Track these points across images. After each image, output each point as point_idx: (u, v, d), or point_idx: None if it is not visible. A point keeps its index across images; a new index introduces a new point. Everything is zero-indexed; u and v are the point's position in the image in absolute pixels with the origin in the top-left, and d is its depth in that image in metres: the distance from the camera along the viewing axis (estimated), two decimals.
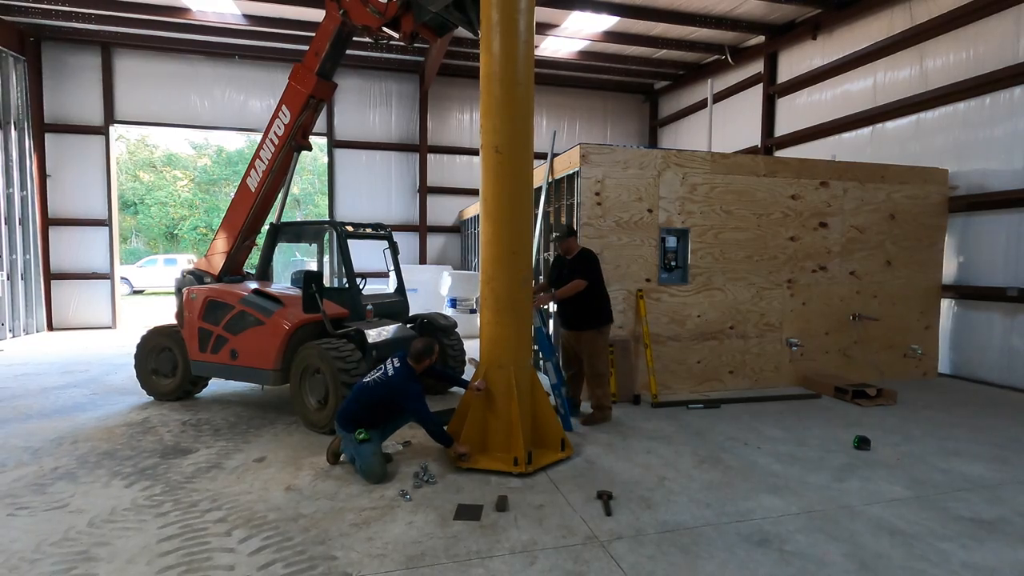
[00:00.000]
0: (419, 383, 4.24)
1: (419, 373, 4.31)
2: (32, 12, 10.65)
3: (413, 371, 4.25)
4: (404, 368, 4.22)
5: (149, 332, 6.33)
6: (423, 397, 4.21)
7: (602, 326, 5.49)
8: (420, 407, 4.15)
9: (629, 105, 15.47)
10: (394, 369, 4.23)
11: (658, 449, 4.78)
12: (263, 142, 6.31)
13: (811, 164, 7.10)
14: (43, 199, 11.97)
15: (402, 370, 4.21)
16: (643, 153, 6.40)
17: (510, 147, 4.35)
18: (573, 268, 5.38)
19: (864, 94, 9.04)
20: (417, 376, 4.27)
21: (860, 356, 7.31)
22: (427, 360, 4.32)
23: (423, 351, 4.30)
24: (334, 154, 13.67)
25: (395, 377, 4.17)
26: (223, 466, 4.35)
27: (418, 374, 4.28)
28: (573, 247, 5.50)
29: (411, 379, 4.19)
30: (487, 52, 4.38)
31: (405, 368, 4.22)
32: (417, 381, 4.24)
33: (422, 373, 4.37)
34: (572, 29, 11.06)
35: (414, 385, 4.17)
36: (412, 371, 4.24)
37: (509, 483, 4.05)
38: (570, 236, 5.49)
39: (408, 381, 4.17)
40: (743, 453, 4.70)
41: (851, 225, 7.21)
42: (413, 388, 4.15)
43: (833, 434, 5.21)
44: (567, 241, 5.48)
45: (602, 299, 5.49)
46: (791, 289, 7.02)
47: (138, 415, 5.73)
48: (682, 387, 6.66)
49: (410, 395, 4.13)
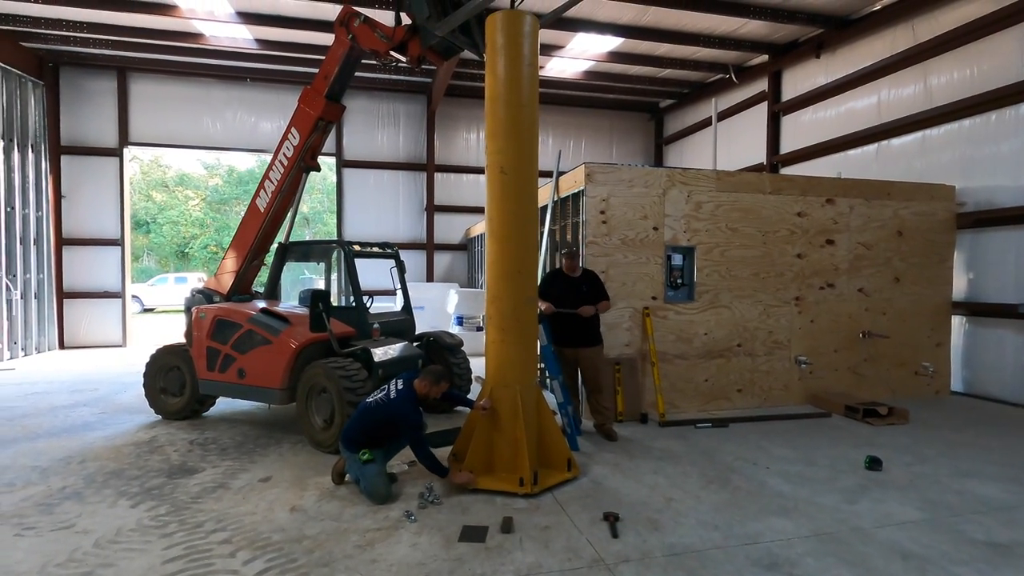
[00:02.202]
0: (419, 410, 4.16)
1: (433, 398, 4.27)
2: (51, 39, 10.96)
3: (415, 395, 4.18)
4: (407, 391, 4.19)
5: (159, 351, 6.39)
6: (422, 425, 4.16)
7: (602, 342, 5.68)
8: (416, 436, 4.09)
9: (635, 123, 15.60)
10: (396, 391, 4.21)
11: (665, 469, 4.73)
12: (272, 163, 6.42)
13: (817, 181, 7.11)
14: (58, 219, 12.19)
15: (404, 392, 4.18)
16: (648, 171, 6.44)
17: (515, 168, 4.40)
18: (594, 287, 5.56)
19: (869, 111, 9.07)
20: (418, 400, 4.18)
21: (870, 374, 7.23)
22: (444, 384, 4.29)
23: (441, 375, 4.28)
24: (343, 174, 13.86)
25: (396, 399, 4.15)
26: (229, 486, 4.35)
27: (430, 399, 4.24)
28: (576, 266, 5.59)
29: (411, 403, 4.14)
30: (492, 75, 4.46)
31: (408, 391, 4.19)
32: (417, 407, 4.16)
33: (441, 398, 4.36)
34: (577, 50, 11.22)
35: (414, 412, 4.11)
36: (414, 395, 4.18)
37: (515, 504, 4.01)
38: (578, 255, 5.65)
39: (408, 405, 4.12)
40: (752, 473, 4.64)
41: (858, 242, 7.18)
42: (413, 415, 4.09)
43: (844, 454, 5.14)
44: (576, 259, 5.59)
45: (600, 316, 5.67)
46: (799, 306, 6.98)
47: (146, 434, 5.75)
48: (690, 406, 6.60)
49: (408, 421, 4.08)
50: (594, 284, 5.58)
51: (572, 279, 5.57)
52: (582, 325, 5.44)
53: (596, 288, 5.56)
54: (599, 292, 5.55)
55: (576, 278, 5.57)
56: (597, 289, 5.56)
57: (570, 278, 5.58)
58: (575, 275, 5.57)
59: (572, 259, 5.57)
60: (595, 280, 5.62)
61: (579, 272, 5.59)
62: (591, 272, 5.70)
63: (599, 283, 5.62)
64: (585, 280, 5.57)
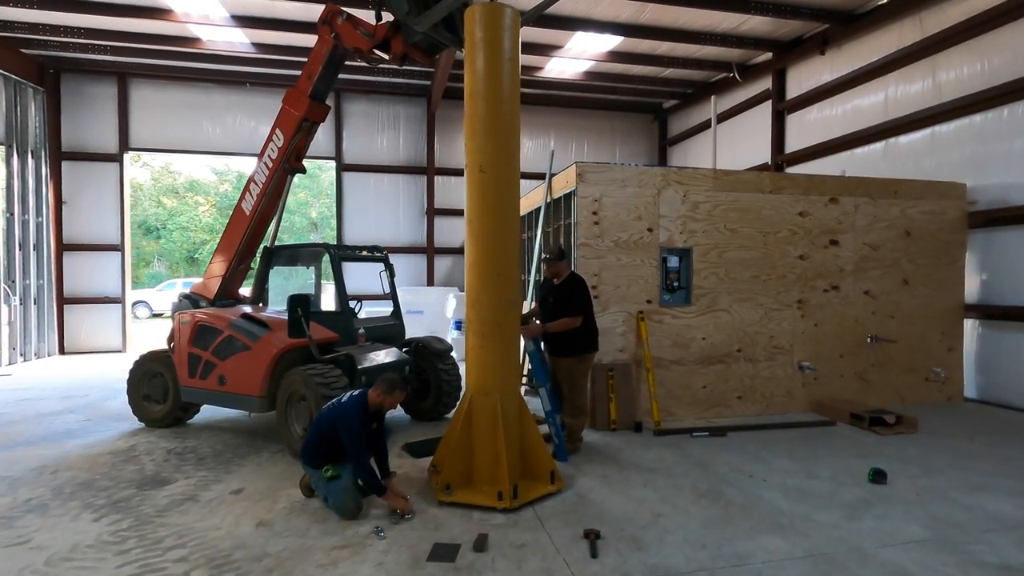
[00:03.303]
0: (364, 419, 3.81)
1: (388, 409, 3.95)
2: (51, 45, 10.96)
3: (366, 403, 3.91)
4: (359, 398, 3.92)
5: (142, 357, 6.27)
6: (361, 435, 3.80)
7: (583, 354, 5.14)
8: (353, 445, 3.77)
9: (638, 124, 15.35)
10: (349, 397, 3.99)
11: (656, 482, 4.50)
12: (258, 165, 6.30)
13: (820, 180, 6.84)
14: (58, 225, 12.20)
15: (355, 399, 3.93)
16: (642, 171, 6.23)
17: (495, 166, 4.23)
18: (560, 298, 5.08)
19: (876, 108, 8.78)
20: (369, 409, 3.88)
21: (878, 380, 6.93)
22: (399, 394, 3.94)
23: (395, 384, 3.93)
24: (342, 178, 13.76)
25: (344, 405, 3.92)
26: (198, 498, 4.19)
27: (384, 409, 3.95)
28: (562, 271, 5.19)
29: (357, 410, 3.85)
30: (471, 71, 4.29)
31: (359, 398, 3.92)
32: (364, 415, 3.83)
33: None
34: (577, 50, 11.02)
35: (355, 418, 3.82)
36: (364, 403, 3.90)
37: (492, 519, 3.81)
38: (560, 260, 5.19)
39: (352, 411, 3.84)
40: (747, 486, 4.40)
41: (864, 243, 6.90)
42: (352, 421, 3.80)
43: (846, 465, 4.87)
44: (557, 264, 5.18)
45: (587, 327, 5.14)
46: (802, 310, 6.71)
47: (126, 443, 5.62)
48: (687, 414, 6.36)
49: (346, 426, 3.78)
50: (561, 296, 5.07)
51: (551, 286, 5.24)
52: (554, 333, 5.07)
53: (561, 301, 5.05)
54: (562, 306, 5.02)
55: (554, 286, 5.21)
56: (561, 303, 5.04)
57: (550, 285, 5.27)
58: (557, 281, 5.22)
59: (549, 264, 5.20)
60: (567, 292, 5.07)
61: (561, 279, 5.19)
62: (570, 282, 5.14)
63: (569, 296, 5.05)
64: (559, 290, 5.13)
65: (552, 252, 5.22)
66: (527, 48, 10.98)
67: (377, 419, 4.00)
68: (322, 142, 13.70)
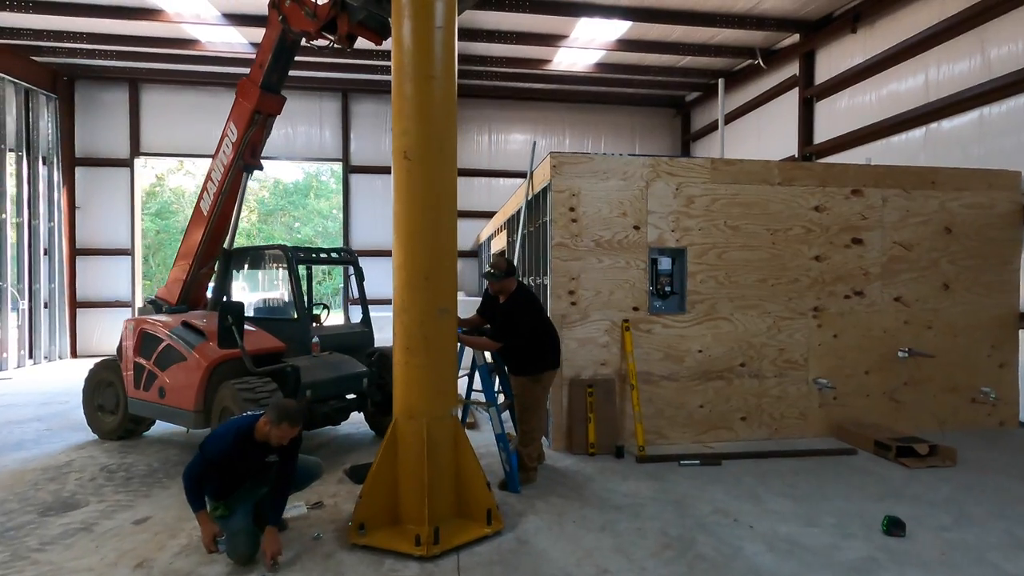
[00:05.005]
0: (225, 443, 3.19)
1: (277, 444, 3.23)
2: (60, 52, 11.08)
3: (250, 430, 3.23)
4: (244, 421, 3.30)
5: (96, 365, 5.98)
6: (207, 461, 3.20)
7: (537, 373, 4.44)
8: (194, 462, 3.21)
9: (658, 120, 14.50)
10: (239, 417, 3.43)
11: (618, 524, 3.79)
12: (213, 163, 5.93)
13: (840, 169, 5.95)
14: (71, 230, 12.35)
15: (236, 422, 3.33)
16: (626, 161, 5.52)
17: (423, 153, 3.63)
18: (504, 319, 4.41)
19: (915, 91, 7.74)
20: (249, 438, 3.22)
21: (912, 401, 5.96)
22: (288, 427, 3.17)
23: (286, 415, 3.17)
24: (350, 179, 13.50)
25: (225, 424, 3.36)
26: (94, 528, 3.75)
27: (272, 443, 3.22)
28: (508, 287, 4.43)
29: (229, 435, 3.23)
30: (396, 42, 3.71)
31: (244, 422, 3.29)
32: (232, 440, 3.20)
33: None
34: (584, 39, 10.34)
35: (214, 443, 3.24)
36: (247, 429, 3.23)
37: (405, 569, 3.21)
38: (508, 277, 4.40)
39: (223, 435, 3.24)
40: (727, 535, 3.64)
41: (894, 241, 5.96)
42: (208, 443, 3.23)
43: (859, 509, 4.02)
44: (503, 282, 4.40)
45: (540, 342, 4.45)
46: (818, 319, 5.83)
47: (66, 457, 5.30)
48: (681, 436, 5.59)
49: (205, 446, 3.23)
50: (500, 318, 4.44)
51: (497, 303, 4.53)
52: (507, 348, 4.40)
53: (499, 323, 4.44)
54: (498, 329, 4.43)
55: (500, 303, 4.49)
56: (499, 325, 4.44)
57: (495, 302, 4.55)
58: (502, 299, 4.48)
59: (491, 280, 4.43)
60: (508, 311, 4.39)
61: (508, 294, 4.44)
62: (518, 295, 4.43)
63: (507, 318, 4.37)
64: (505, 307, 4.44)
65: (499, 268, 4.41)
66: (530, 39, 10.39)
67: (275, 450, 3.31)
68: (329, 143, 13.50)
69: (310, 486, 3.98)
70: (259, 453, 3.28)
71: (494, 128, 13.91)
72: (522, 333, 4.30)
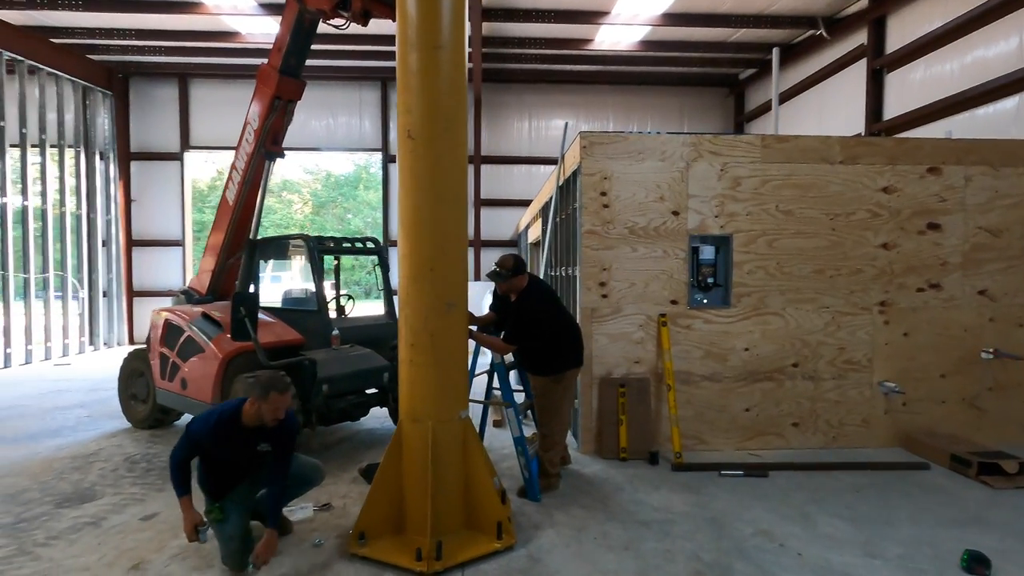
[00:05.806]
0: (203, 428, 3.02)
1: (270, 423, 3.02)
2: (113, 50, 11.46)
3: (236, 414, 3.03)
4: (230, 405, 3.12)
5: (129, 355, 6.05)
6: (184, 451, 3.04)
7: (558, 372, 4.09)
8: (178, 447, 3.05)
9: (709, 100, 13.65)
10: (224, 403, 3.26)
11: (644, 544, 3.39)
12: (237, 151, 5.85)
13: (914, 145, 5.24)
14: (127, 222, 12.85)
15: (223, 406, 3.16)
16: (664, 140, 5.03)
17: (428, 131, 3.31)
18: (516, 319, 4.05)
19: (1007, 55, 6.78)
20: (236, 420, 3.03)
21: (997, 410, 5.23)
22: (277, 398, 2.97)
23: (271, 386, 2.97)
24: (388, 170, 13.41)
25: (209, 410, 3.15)
26: (103, 524, 3.69)
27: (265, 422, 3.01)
28: (518, 285, 4.10)
29: (211, 419, 3.04)
30: (401, 11, 3.39)
31: (229, 406, 3.11)
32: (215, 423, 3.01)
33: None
34: (627, 15, 9.77)
35: (198, 424, 3.05)
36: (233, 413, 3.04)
37: None
38: (515, 276, 4.05)
39: (206, 418, 3.06)
40: (770, 563, 3.18)
41: (978, 227, 5.21)
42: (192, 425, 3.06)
43: (931, 537, 3.47)
44: (512, 281, 4.06)
45: (558, 340, 4.08)
46: (885, 315, 5.18)
47: (97, 445, 5.37)
48: (724, 443, 5.10)
49: (187, 429, 3.06)
50: (512, 317, 4.08)
51: (508, 302, 4.20)
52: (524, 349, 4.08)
53: (511, 324, 4.06)
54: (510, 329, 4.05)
55: (511, 302, 4.16)
56: (511, 325, 4.06)
57: (507, 301, 4.22)
58: (512, 299, 4.15)
59: (497, 280, 4.10)
60: (518, 313, 4.05)
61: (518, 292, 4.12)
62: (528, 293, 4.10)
63: (518, 318, 4.03)
64: (515, 306, 4.11)
65: (505, 266, 4.06)
66: (570, 17, 9.91)
67: (266, 437, 3.10)
68: (369, 133, 13.44)
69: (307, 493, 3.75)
70: (248, 440, 3.08)
71: (534, 114, 13.46)
72: (535, 334, 3.96)
